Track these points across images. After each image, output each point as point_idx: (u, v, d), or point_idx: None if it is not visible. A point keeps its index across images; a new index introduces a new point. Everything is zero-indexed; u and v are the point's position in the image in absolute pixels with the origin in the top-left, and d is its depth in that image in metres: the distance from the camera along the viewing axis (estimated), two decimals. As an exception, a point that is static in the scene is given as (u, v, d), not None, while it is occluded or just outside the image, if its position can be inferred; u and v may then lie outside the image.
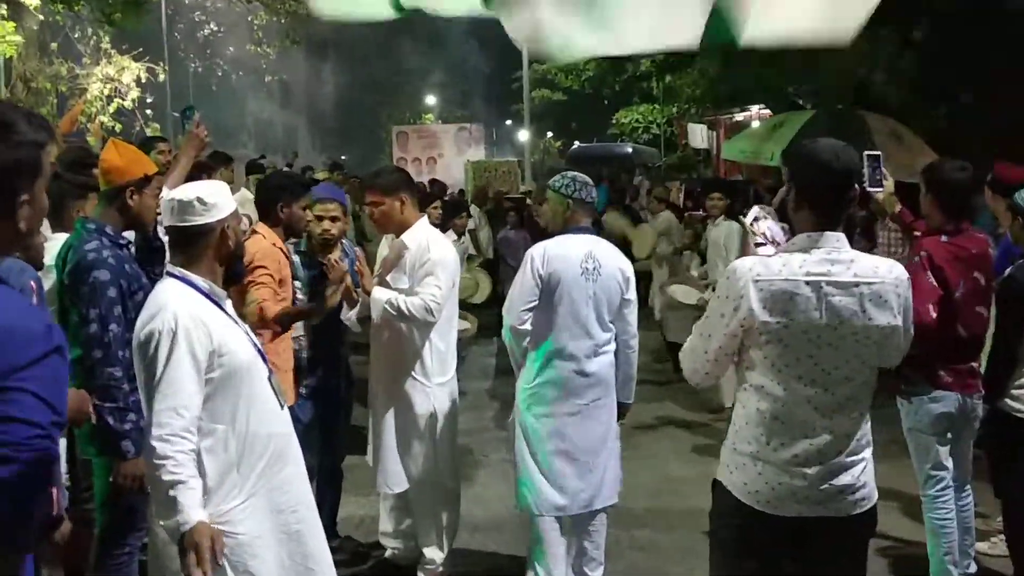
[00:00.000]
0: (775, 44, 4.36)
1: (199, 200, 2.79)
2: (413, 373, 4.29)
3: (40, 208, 1.75)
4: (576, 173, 4.23)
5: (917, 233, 4.36)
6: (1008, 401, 4.00)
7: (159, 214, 3.55)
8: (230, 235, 2.86)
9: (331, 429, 4.68)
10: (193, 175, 4.53)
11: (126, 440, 3.36)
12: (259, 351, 2.94)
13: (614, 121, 31.51)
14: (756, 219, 2.89)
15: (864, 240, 7.76)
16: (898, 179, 4.69)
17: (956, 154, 4.61)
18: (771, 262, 2.61)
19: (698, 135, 22.32)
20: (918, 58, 12.18)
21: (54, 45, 13.81)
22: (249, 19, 19.10)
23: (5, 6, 10.77)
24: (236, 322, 2.91)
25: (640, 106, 30.57)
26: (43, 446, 1.60)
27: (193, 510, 2.59)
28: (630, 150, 27.32)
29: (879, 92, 12.49)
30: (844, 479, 2.64)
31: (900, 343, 2.71)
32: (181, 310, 2.71)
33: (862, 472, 2.68)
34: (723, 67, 16.23)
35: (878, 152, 4.17)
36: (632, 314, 4.20)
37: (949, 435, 4.24)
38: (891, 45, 12.16)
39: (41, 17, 12.31)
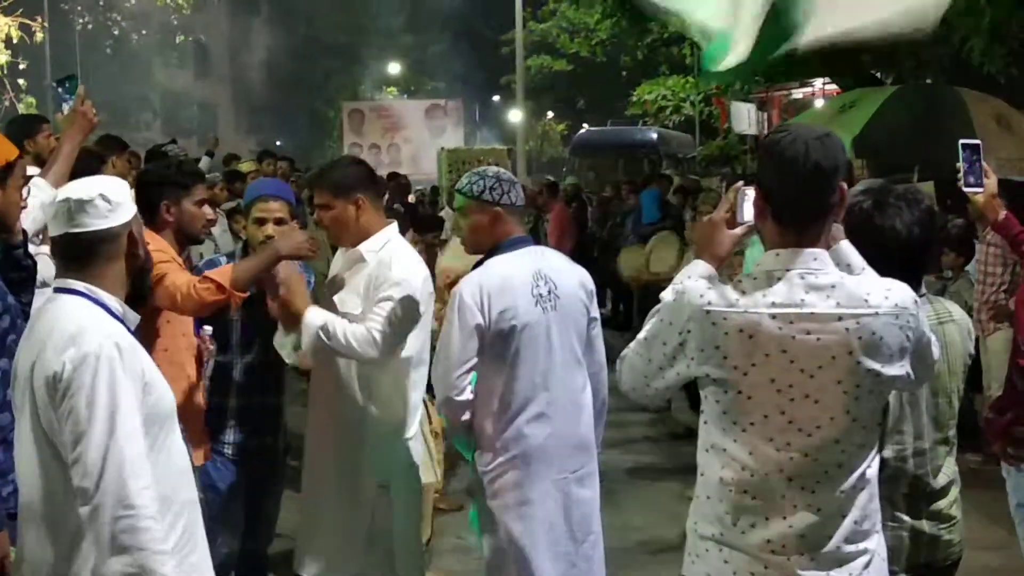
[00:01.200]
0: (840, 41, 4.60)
1: (103, 197, 2.81)
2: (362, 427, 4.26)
3: None
4: (498, 169, 4.17)
5: (1028, 248, 4.38)
6: None
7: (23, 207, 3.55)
8: (139, 241, 2.92)
9: (259, 504, 4.64)
10: (79, 167, 4.52)
11: None
12: None
13: (634, 98, 31.62)
14: (746, 193, 2.78)
15: (955, 255, 7.80)
16: (1003, 176, 4.73)
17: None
18: (728, 289, 2.59)
19: (744, 117, 22.46)
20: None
21: None
22: (156, -40, 19.19)
23: None
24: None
25: (669, 79, 30.70)
26: None
27: None
28: (655, 136, 27.46)
29: (980, 63, 12.59)
30: None
31: (910, 383, 2.68)
32: (112, 330, 2.76)
33: (865, 568, 2.63)
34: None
35: (977, 141, 4.21)
36: (599, 337, 4.20)
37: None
38: (997, 2, 12.27)
39: None
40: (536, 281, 3.94)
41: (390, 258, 4.21)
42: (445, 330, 3.92)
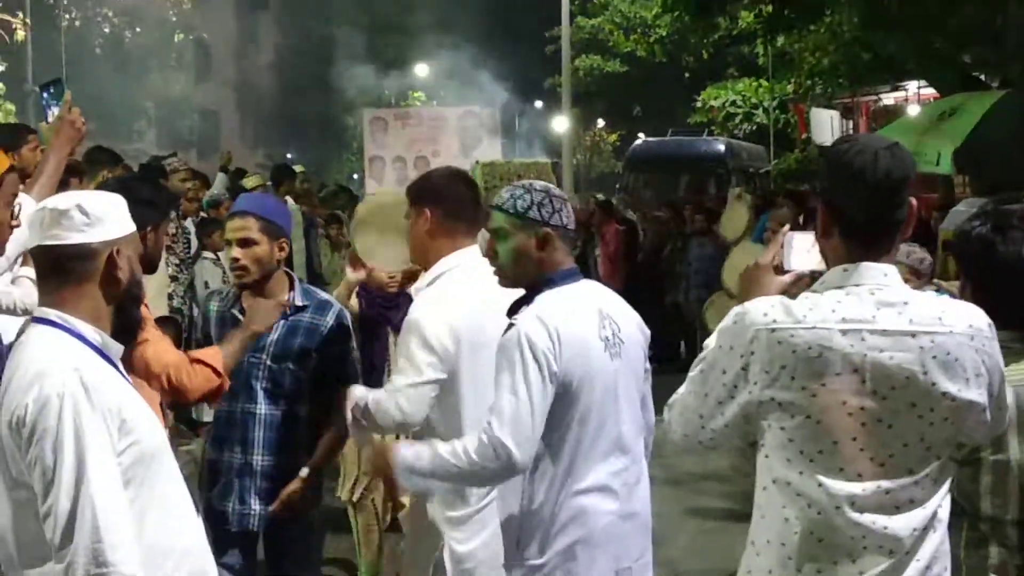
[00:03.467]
0: None
1: (80, 209, 2.86)
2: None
3: None
4: (546, 183, 3.85)
5: None
6: None
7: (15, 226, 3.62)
8: (122, 266, 2.93)
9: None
10: (64, 181, 4.59)
11: None
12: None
13: (699, 103, 31.73)
14: (793, 234, 2.92)
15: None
16: None
17: None
18: (795, 305, 2.70)
19: (827, 125, 22.41)
20: None
21: None
22: (153, -50, 19.46)
23: None
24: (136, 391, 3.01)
25: (739, 82, 30.79)
26: None
27: None
28: (723, 148, 27.38)
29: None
30: None
31: (984, 422, 2.73)
32: (81, 364, 2.78)
33: None
34: (864, 25, 16.32)
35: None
36: (650, 393, 3.95)
37: None
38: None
39: None
40: (602, 323, 3.66)
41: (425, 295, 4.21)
42: (508, 382, 3.50)
